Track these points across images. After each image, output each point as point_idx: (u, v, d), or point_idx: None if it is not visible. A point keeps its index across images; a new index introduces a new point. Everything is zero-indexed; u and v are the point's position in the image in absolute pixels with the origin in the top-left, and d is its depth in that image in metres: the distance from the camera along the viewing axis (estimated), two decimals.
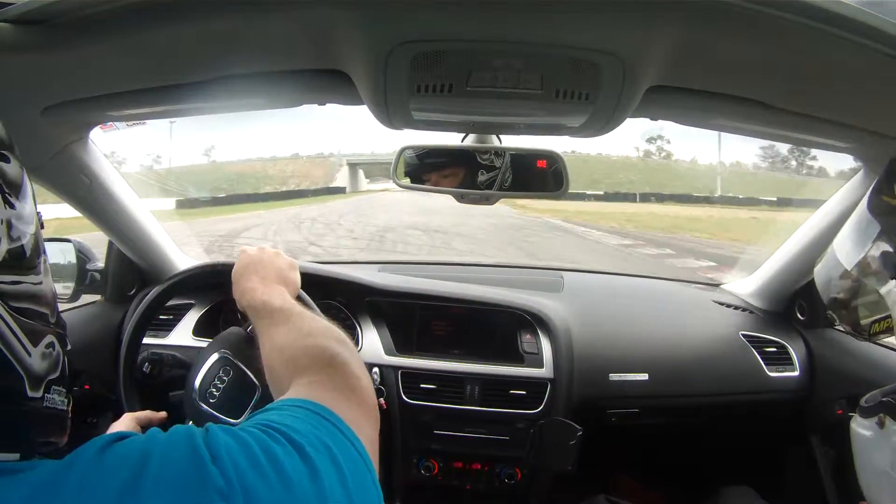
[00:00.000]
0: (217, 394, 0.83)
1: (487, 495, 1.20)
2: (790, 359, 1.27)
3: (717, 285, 1.55)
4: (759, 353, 1.26)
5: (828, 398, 1.19)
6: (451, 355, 1.20)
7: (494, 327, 1.24)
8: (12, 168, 0.36)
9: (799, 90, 0.64)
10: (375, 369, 1.16)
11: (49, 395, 0.36)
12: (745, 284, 1.44)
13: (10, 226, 0.34)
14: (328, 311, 0.90)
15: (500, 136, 0.94)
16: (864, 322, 0.69)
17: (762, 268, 1.38)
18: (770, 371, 1.25)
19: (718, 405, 1.26)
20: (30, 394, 0.34)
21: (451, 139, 0.94)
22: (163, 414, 0.85)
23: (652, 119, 0.77)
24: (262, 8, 0.51)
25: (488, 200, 0.95)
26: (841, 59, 0.52)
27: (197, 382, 0.83)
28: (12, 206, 0.35)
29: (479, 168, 0.94)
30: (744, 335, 1.29)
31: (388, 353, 1.19)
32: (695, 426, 1.34)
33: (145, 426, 0.82)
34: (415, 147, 0.95)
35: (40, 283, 0.37)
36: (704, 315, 1.37)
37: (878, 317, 0.67)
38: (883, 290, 0.64)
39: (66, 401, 0.39)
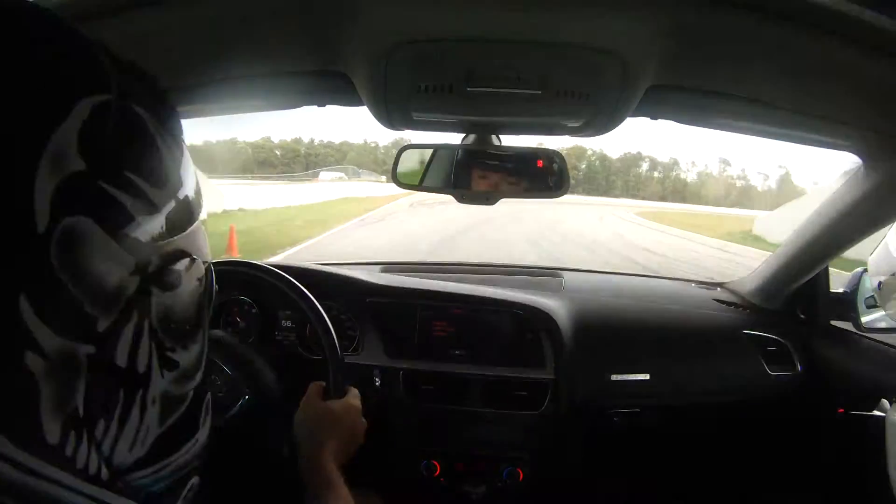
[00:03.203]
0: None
1: (489, 496, 1.20)
2: (791, 357, 1.27)
3: (718, 284, 1.55)
4: (760, 352, 1.26)
5: (829, 396, 1.19)
6: (452, 356, 1.20)
7: (496, 328, 1.24)
8: None
9: (799, 89, 0.65)
10: (376, 370, 1.15)
11: None
12: (746, 283, 1.44)
13: None
14: (329, 312, 0.90)
15: (500, 136, 0.94)
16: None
17: (762, 266, 1.38)
18: (771, 370, 1.25)
19: (720, 404, 1.26)
20: None
21: (452, 139, 0.94)
22: None
23: (652, 118, 0.77)
24: (261, 9, 0.51)
25: (488, 200, 0.95)
26: (841, 57, 0.52)
27: None
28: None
29: (485, 169, 0.94)
30: (745, 334, 1.29)
31: (388, 354, 1.19)
32: (696, 425, 1.34)
33: None
34: (416, 147, 0.95)
35: None
36: (705, 314, 1.37)
37: None
38: None
39: None
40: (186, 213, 0.30)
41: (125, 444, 0.27)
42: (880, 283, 0.74)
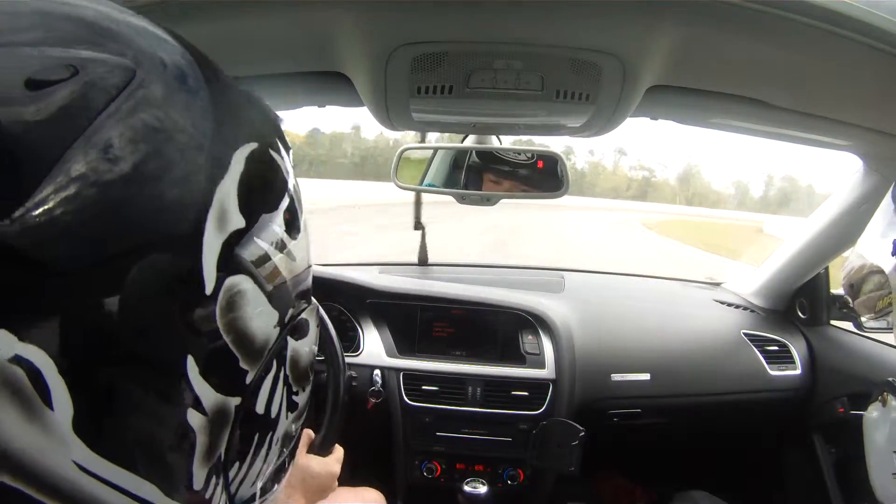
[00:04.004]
0: None
1: (490, 496, 1.20)
2: (791, 357, 1.27)
3: (718, 284, 1.55)
4: (760, 352, 1.26)
5: (829, 396, 1.19)
6: (452, 356, 1.20)
7: (496, 328, 1.24)
8: None
9: (798, 89, 0.65)
10: (377, 371, 1.16)
11: None
12: (746, 283, 1.44)
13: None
14: (329, 314, 0.89)
15: (500, 137, 0.95)
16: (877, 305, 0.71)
17: (763, 266, 1.38)
18: (771, 370, 1.25)
19: (720, 404, 1.26)
20: None
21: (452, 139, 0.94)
22: None
23: (652, 119, 0.78)
24: (262, 10, 0.51)
25: (489, 201, 0.95)
26: (841, 57, 0.52)
27: None
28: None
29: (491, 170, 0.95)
30: (745, 334, 1.29)
31: (389, 354, 1.19)
32: (696, 425, 1.34)
33: None
34: (416, 148, 0.95)
35: None
36: (706, 314, 1.37)
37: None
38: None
39: None
40: (308, 257, 0.30)
41: (249, 482, 0.28)
42: (851, 283, 0.76)
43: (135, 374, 0.20)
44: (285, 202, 0.27)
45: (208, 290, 0.22)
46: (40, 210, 0.17)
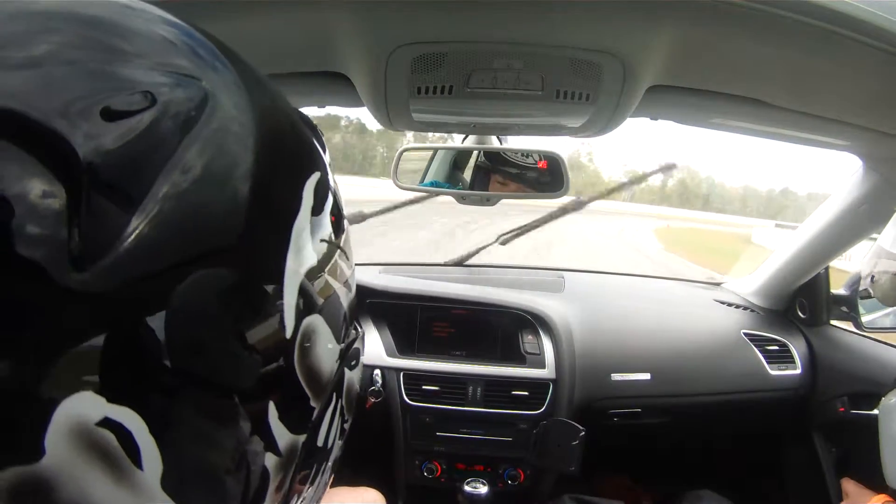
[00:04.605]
0: None
1: (490, 496, 1.20)
2: (792, 357, 1.27)
3: (718, 284, 1.55)
4: (760, 352, 1.26)
5: (829, 396, 1.19)
6: (452, 356, 1.20)
7: (496, 328, 1.24)
8: None
9: (798, 89, 0.65)
10: (377, 371, 1.15)
11: None
12: (747, 283, 1.44)
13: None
14: None
15: (500, 137, 0.95)
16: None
17: (763, 266, 1.38)
18: (772, 369, 1.25)
19: (720, 404, 1.26)
20: None
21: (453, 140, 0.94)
22: None
23: (652, 119, 0.78)
24: (262, 11, 0.51)
25: (489, 201, 0.96)
26: (841, 57, 0.52)
27: None
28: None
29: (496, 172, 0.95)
30: (745, 334, 1.29)
31: (389, 354, 1.19)
32: (696, 425, 1.34)
33: None
34: (417, 149, 0.95)
35: None
36: (706, 314, 1.37)
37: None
38: None
39: None
40: (353, 282, 0.29)
41: None
42: (873, 276, 0.77)
43: (218, 427, 0.20)
44: (345, 233, 0.26)
45: (288, 334, 0.21)
46: (127, 248, 0.16)
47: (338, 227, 0.26)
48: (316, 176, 0.24)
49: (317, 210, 0.23)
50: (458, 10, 0.50)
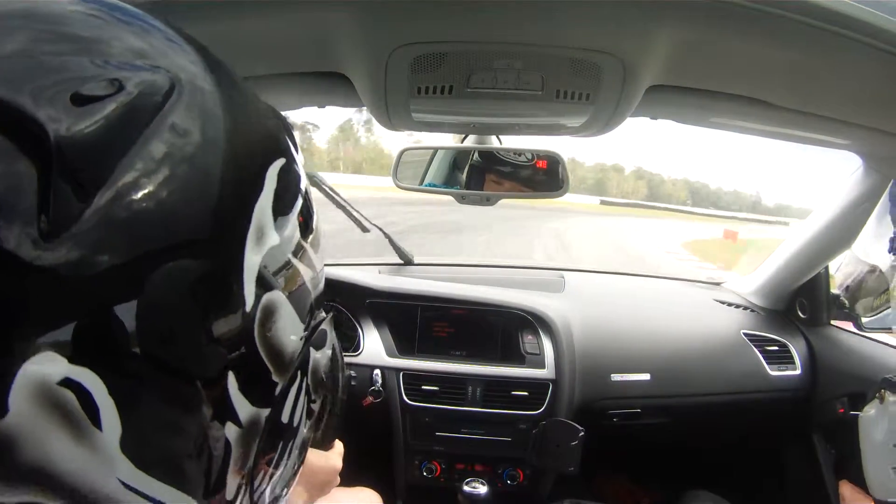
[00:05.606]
0: None
1: (490, 496, 1.20)
2: (791, 357, 1.27)
3: (718, 284, 1.55)
4: (760, 352, 1.26)
5: (829, 396, 1.19)
6: (452, 356, 1.20)
7: (496, 328, 1.24)
8: None
9: (799, 88, 0.65)
10: (377, 371, 1.16)
11: None
12: (747, 283, 1.44)
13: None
14: (329, 313, 0.89)
15: (500, 137, 0.94)
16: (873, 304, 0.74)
17: (763, 266, 1.38)
18: (771, 370, 1.25)
19: (720, 404, 1.26)
20: None
21: (452, 140, 0.94)
22: None
23: (652, 118, 0.77)
24: (262, 11, 0.51)
25: (489, 201, 0.96)
26: (841, 57, 0.52)
27: None
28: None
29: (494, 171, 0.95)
30: (745, 334, 1.29)
31: (389, 354, 1.19)
32: (696, 425, 1.34)
33: None
34: (417, 148, 0.95)
35: None
36: (706, 314, 1.37)
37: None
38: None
39: None
40: (322, 263, 0.30)
41: (270, 489, 0.28)
42: (847, 286, 0.78)
43: (179, 391, 0.20)
44: (299, 205, 0.27)
45: (248, 307, 0.22)
46: (91, 225, 0.17)
47: (306, 228, 0.27)
48: (280, 162, 0.25)
49: (281, 198, 0.24)
50: (458, 11, 0.50)
